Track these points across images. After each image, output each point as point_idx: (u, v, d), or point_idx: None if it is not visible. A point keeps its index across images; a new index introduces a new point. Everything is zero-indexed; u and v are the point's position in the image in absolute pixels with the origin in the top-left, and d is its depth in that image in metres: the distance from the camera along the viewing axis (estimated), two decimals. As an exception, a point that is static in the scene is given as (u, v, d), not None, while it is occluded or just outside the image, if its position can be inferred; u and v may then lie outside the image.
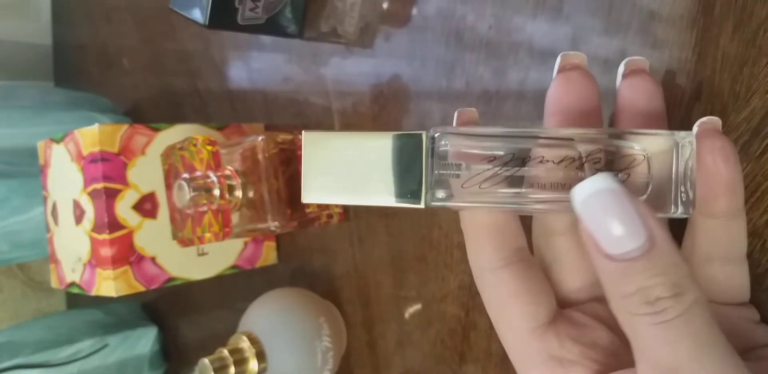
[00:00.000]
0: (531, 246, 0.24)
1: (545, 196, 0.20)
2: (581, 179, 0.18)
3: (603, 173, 0.18)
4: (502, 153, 0.20)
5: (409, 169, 0.20)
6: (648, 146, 0.19)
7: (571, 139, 0.20)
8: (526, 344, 0.22)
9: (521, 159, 0.20)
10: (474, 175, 0.20)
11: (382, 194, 0.20)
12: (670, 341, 0.17)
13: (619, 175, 0.20)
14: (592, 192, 0.18)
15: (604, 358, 0.21)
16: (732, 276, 0.22)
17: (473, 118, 0.23)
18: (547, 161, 0.20)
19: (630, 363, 0.21)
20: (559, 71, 0.22)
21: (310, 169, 0.21)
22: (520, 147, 0.20)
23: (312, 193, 0.21)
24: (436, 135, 0.20)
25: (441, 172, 0.20)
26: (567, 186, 0.20)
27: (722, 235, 0.22)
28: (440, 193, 0.20)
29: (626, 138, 0.20)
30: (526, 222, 0.23)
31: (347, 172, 0.20)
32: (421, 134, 0.20)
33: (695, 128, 0.21)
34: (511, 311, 0.22)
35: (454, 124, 0.23)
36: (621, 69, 0.23)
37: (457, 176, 0.20)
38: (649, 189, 0.20)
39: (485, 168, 0.20)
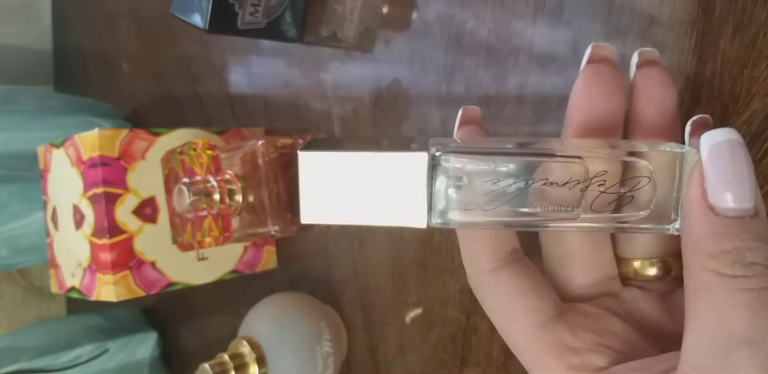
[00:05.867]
0: (526, 246, 0.24)
1: (550, 216, 0.20)
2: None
3: (729, 128, 0.17)
4: (506, 174, 0.20)
5: (410, 189, 0.20)
6: (653, 160, 0.19)
7: (579, 157, 0.19)
8: (538, 338, 0.21)
9: (526, 181, 0.19)
10: (477, 196, 0.20)
11: (383, 214, 0.20)
12: (754, 310, 0.16)
13: (624, 196, 0.19)
14: (726, 141, 0.17)
15: (620, 346, 0.21)
16: None
17: (475, 118, 0.23)
18: (552, 183, 0.19)
19: (646, 353, 0.21)
20: (589, 62, 0.22)
21: (307, 190, 0.20)
22: (526, 166, 0.20)
23: (311, 215, 0.21)
24: (438, 154, 0.20)
25: (443, 191, 0.20)
26: (571, 206, 0.20)
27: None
28: (442, 213, 0.20)
29: (634, 154, 0.19)
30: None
31: (346, 192, 0.20)
32: (423, 153, 0.19)
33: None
34: (517, 308, 0.22)
35: (457, 122, 0.23)
36: (634, 59, 0.22)
37: (460, 196, 0.20)
38: (653, 205, 0.19)
39: (489, 189, 0.20)
